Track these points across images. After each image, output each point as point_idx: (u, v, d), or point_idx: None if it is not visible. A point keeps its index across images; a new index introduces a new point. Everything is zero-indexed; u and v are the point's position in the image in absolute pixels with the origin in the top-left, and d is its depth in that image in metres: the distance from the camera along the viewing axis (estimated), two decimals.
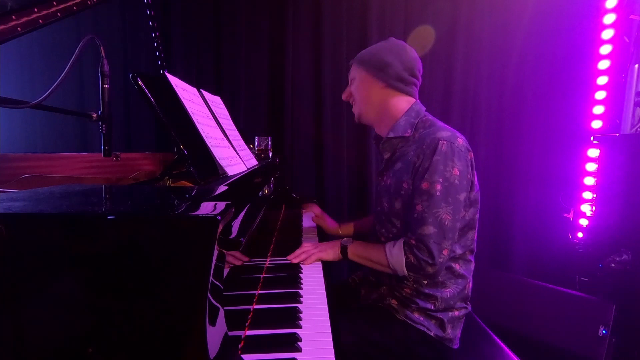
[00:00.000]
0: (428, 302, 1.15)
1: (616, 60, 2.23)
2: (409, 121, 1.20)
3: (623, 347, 1.82)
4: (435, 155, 1.07)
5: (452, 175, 1.07)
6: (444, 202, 1.06)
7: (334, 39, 2.51)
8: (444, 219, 1.06)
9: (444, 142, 1.08)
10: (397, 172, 1.19)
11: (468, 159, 1.11)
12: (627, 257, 1.87)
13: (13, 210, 0.52)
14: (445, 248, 1.07)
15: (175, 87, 0.99)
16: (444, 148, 1.07)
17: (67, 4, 1.02)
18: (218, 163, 0.99)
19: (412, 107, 1.22)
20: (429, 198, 1.07)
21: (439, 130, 1.13)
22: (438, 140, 1.08)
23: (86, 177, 1.26)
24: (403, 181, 1.16)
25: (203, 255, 0.53)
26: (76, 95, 2.53)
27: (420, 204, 1.09)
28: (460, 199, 1.09)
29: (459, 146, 1.09)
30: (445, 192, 1.07)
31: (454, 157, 1.07)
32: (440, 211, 1.06)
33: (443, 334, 1.14)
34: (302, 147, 2.58)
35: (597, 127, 2.31)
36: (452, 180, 1.07)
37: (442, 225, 1.06)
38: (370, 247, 1.22)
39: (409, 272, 1.09)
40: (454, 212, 1.07)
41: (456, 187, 1.07)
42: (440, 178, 1.07)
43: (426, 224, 1.07)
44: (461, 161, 1.09)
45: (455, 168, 1.07)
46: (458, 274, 1.17)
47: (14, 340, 0.51)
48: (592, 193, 2.27)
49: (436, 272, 1.09)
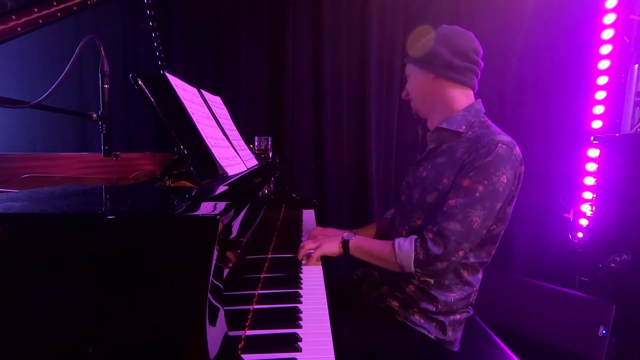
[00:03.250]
0: (430, 304, 1.13)
1: (616, 60, 2.23)
2: (467, 118, 1.14)
3: (623, 347, 1.82)
4: (489, 156, 1.03)
5: (499, 181, 1.03)
6: (480, 205, 1.02)
7: (334, 39, 2.50)
8: (474, 221, 1.02)
9: (503, 145, 1.04)
10: (438, 165, 1.14)
11: (518, 172, 1.08)
12: (627, 257, 1.87)
13: (13, 210, 0.52)
14: (462, 249, 1.04)
15: (175, 87, 0.99)
16: (501, 152, 1.03)
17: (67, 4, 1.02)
18: (218, 163, 0.99)
19: (473, 105, 1.16)
20: (466, 195, 1.03)
21: (498, 134, 1.09)
22: (497, 143, 1.04)
23: (86, 177, 1.26)
24: (444, 176, 1.10)
25: (203, 255, 0.53)
26: (76, 95, 2.53)
27: (455, 200, 1.04)
28: (497, 207, 1.05)
29: (515, 155, 1.06)
30: (486, 195, 1.02)
31: (508, 164, 1.03)
32: (473, 212, 1.02)
33: (443, 337, 1.13)
34: (302, 147, 2.58)
35: (597, 127, 2.31)
36: (497, 187, 1.03)
37: (469, 227, 1.02)
38: (374, 242, 1.20)
39: (416, 269, 1.06)
40: (485, 219, 1.03)
41: (497, 195, 1.03)
42: (486, 180, 1.02)
43: (454, 220, 1.03)
44: (512, 171, 1.05)
45: (504, 175, 1.03)
46: (465, 281, 1.15)
47: (14, 341, 0.51)
48: (592, 193, 2.27)
49: (445, 270, 1.06)
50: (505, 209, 1.10)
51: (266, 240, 1.34)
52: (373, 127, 2.51)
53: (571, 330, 1.84)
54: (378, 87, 2.52)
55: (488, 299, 2.08)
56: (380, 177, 2.58)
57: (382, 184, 2.59)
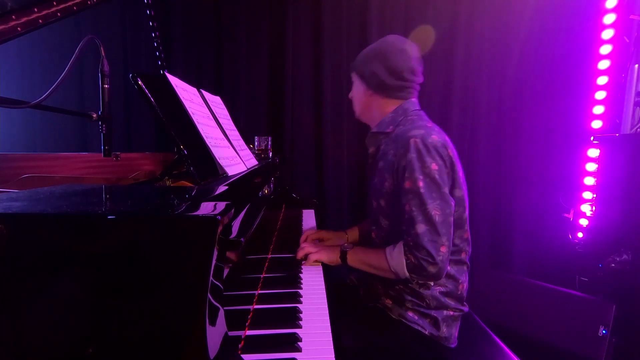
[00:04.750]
0: (419, 300, 1.15)
1: (616, 60, 2.23)
2: (394, 118, 1.22)
3: (623, 347, 1.82)
4: (409, 153, 1.08)
5: (431, 170, 1.07)
6: (429, 198, 1.06)
7: (334, 39, 2.51)
8: (433, 215, 1.05)
9: (416, 139, 1.08)
10: (380, 170, 1.20)
11: (446, 155, 1.11)
12: (627, 257, 1.87)
13: (13, 210, 0.52)
14: (442, 245, 1.05)
15: (175, 87, 0.99)
16: (416, 146, 1.08)
17: (67, 4, 1.03)
18: (218, 163, 0.99)
19: (400, 105, 1.23)
20: (414, 196, 1.07)
21: (412, 129, 1.13)
22: (409, 139, 1.09)
23: (86, 177, 1.26)
24: (385, 180, 1.17)
25: (203, 255, 0.53)
26: (76, 95, 2.53)
27: (407, 204, 1.08)
28: (446, 192, 1.08)
29: (432, 142, 1.09)
30: (428, 187, 1.06)
31: (429, 153, 1.07)
32: (427, 208, 1.05)
33: (438, 333, 1.14)
34: (302, 147, 2.58)
35: (597, 127, 2.31)
36: (433, 176, 1.07)
37: (432, 222, 1.05)
38: (370, 252, 1.21)
39: (411, 274, 1.08)
40: (442, 207, 1.06)
41: (437, 182, 1.07)
42: (420, 175, 1.06)
43: (417, 222, 1.06)
44: (438, 156, 1.08)
45: (433, 163, 1.07)
46: (449, 275, 1.15)
47: (14, 340, 0.51)
48: (592, 193, 2.27)
49: (440, 271, 1.06)
50: (454, 192, 1.13)
51: (266, 240, 1.34)
52: None
53: (571, 330, 1.84)
54: None
55: (488, 299, 2.09)
56: None
57: None
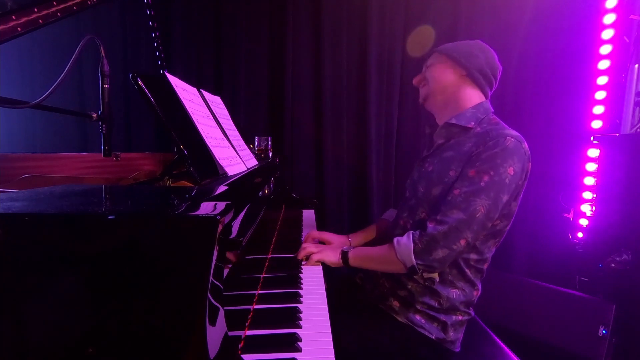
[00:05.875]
0: (432, 299, 1.13)
1: (616, 60, 2.23)
2: (476, 115, 1.16)
3: (623, 347, 1.82)
4: (496, 148, 1.03)
5: (506, 172, 1.02)
6: (485, 195, 1.01)
7: (334, 39, 2.51)
8: (477, 210, 1.01)
9: (512, 139, 1.04)
10: (445, 159, 1.15)
11: (526, 166, 1.07)
12: (627, 257, 1.87)
13: (13, 210, 0.52)
14: (464, 238, 1.02)
15: (175, 87, 0.99)
16: (509, 144, 1.03)
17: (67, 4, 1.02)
18: (218, 163, 0.99)
19: (482, 103, 1.19)
20: (470, 185, 1.03)
21: (507, 128, 1.10)
22: (506, 136, 1.04)
23: (86, 177, 1.26)
24: (451, 169, 1.10)
25: (203, 255, 0.53)
26: (76, 95, 2.53)
27: (459, 189, 1.04)
28: (503, 199, 1.03)
29: (524, 149, 1.06)
30: (491, 185, 1.02)
31: (515, 157, 1.03)
32: (477, 201, 1.01)
33: (444, 336, 1.12)
34: (302, 147, 2.58)
35: (597, 127, 2.31)
36: (503, 177, 1.02)
37: (472, 215, 1.01)
38: (372, 248, 1.20)
39: (417, 261, 1.05)
40: (490, 209, 1.02)
41: (503, 186, 1.02)
42: (492, 170, 1.02)
43: (457, 208, 1.02)
44: (520, 164, 1.04)
45: (511, 167, 1.02)
46: (468, 279, 1.14)
47: (14, 340, 0.51)
48: (592, 193, 2.26)
49: (445, 258, 1.04)
50: (511, 204, 1.10)
51: (266, 240, 1.34)
52: (373, 127, 2.51)
53: (571, 330, 1.84)
54: (378, 87, 2.52)
55: (488, 299, 2.08)
56: (380, 177, 2.58)
57: (382, 183, 2.59)
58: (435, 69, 1.23)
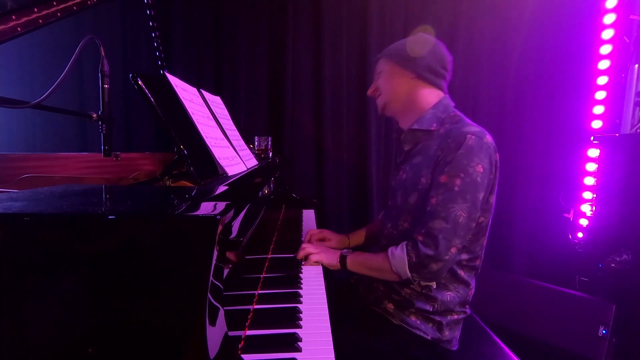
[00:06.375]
0: (427, 304, 1.12)
1: (616, 60, 2.23)
2: (436, 115, 1.15)
3: (623, 347, 1.82)
4: (460, 149, 1.03)
5: (475, 171, 1.02)
6: (461, 199, 1.02)
7: (334, 39, 2.51)
8: (459, 216, 1.02)
9: (472, 136, 1.04)
10: (415, 165, 1.15)
11: (493, 159, 1.07)
12: (627, 257, 1.87)
13: (13, 210, 0.52)
14: (454, 246, 1.03)
15: (175, 87, 0.99)
16: (470, 142, 1.03)
17: (67, 4, 1.03)
18: (218, 163, 0.99)
19: (440, 101, 1.17)
20: (445, 192, 1.03)
21: (467, 125, 1.09)
22: (466, 135, 1.04)
23: (86, 177, 1.26)
24: (421, 175, 1.11)
25: (203, 255, 0.53)
26: (76, 95, 2.53)
27: (435, 197, 1.04)
28: (479, 197, 1.04)
29: (487, 143, 1.05)
30: (465, 188, 1.02)
31: (480, 153, 1.03)
32: (455, 207, 1.02)
33: (439, 336, 1.12)
34: (302, 147, 2.58)
35: (597, 127, 2.31)
36: (474, 177, 1.02)
37: (455, 222, 1.02)
38: (370, 255, 1.20)
39: (412, 273, 1.06)
40: (470, 211, 1.03)
41: (477, 185, 1.02)
42: (462, 173, 1.02)
43: (439, 217, 1.02)
44: (487, 159, 1.04)
45: (479, 165, 1.02)
46: (461, 280, 1.14)
47: (14, 340, 0.51)
48: (592, 193, 2.27)
49: (440, 270, 1.05)
50: (488, 198, 1.10)
51: (266, 240, 1.34)
52: (373, 127, 2.51)
53: (571, 330, 1.83)
54: None
55: (488, 299, 2.08)
56: (380, 176, 2.58)
57: (382, 183, 2.59)
58: (385, 76, 1.23)
